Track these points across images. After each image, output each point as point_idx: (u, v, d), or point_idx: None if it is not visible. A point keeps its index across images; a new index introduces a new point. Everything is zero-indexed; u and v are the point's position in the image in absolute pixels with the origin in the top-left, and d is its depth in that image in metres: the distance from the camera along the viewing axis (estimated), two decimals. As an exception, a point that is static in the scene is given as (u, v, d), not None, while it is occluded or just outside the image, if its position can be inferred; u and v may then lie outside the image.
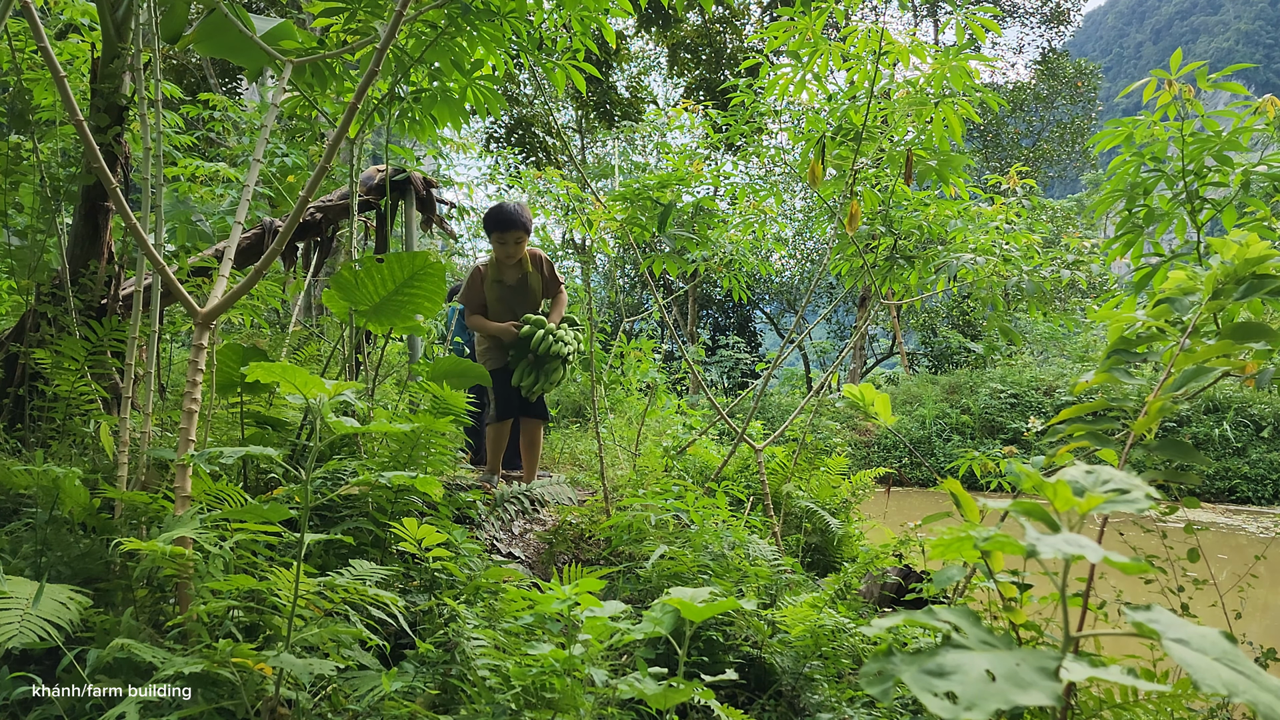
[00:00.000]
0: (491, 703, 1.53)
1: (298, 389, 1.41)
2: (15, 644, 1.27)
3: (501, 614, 1.92)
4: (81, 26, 3.55)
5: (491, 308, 3.79)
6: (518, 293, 3.80)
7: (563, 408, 7.73)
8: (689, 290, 15.90)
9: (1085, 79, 20.97)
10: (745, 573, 2.57)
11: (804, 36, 3.42)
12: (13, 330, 2.73)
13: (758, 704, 2.26)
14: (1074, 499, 0.81)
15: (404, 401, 3.43)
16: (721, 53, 14.80)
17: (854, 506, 4.37)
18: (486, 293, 3.77)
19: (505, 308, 3.79)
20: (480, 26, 2.77)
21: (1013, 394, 13.23)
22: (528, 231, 3.68)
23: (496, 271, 3.76)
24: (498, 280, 3.76)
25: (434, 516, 2.34)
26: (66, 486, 1.74)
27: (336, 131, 1.85)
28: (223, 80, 11.98)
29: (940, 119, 3.46)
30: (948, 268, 3.69)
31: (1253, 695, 0.64)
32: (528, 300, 3.83)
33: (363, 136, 4.03)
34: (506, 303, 3.79)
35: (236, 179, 5.15)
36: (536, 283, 3.82)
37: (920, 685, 0.63)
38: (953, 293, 4.10)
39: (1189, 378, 1.45)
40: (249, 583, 1.47)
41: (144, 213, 2.30)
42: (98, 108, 2.55)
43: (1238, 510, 10.38)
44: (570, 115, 18.00)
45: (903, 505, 9.80)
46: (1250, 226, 2.39)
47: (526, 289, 3.81)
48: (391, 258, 2.25)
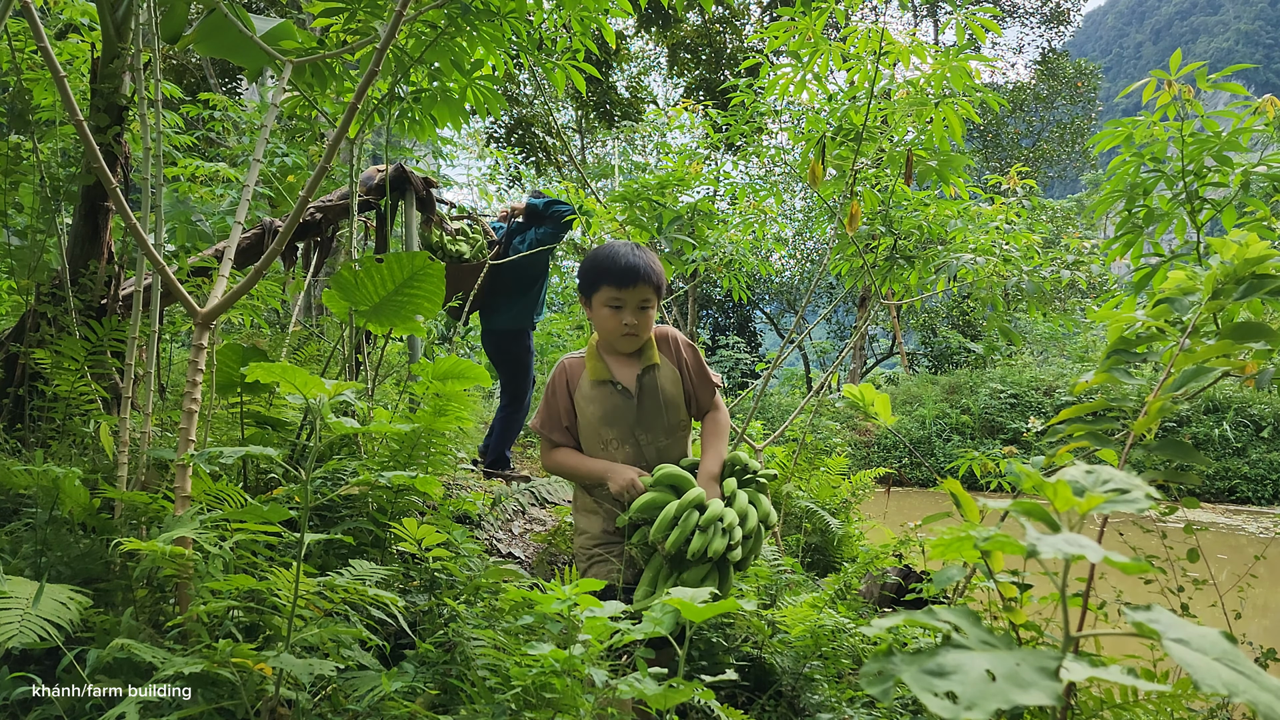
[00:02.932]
0: (491, 703, 1.53)
1: (297, 389, 1.41)
2: (15, 644, 1.27)
3: (501, 614, 1.92)
4: (81, 26, 3.55)
5: (589, 431, 2.13)
6: (640, 404, 2.12)
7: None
8: (689, 290, 15.90)
9: (1085, 79, 20.98)
10: (745, 573, 2.57)
11: (804, 37, 3.42)
12: (12, 330, 2.72)
13: (758, 704, 2.27)
14: (1074, 499, 0.81)
15: (404, 401, 3.42)
16: (721, 53, 14.80)
17: (854, 506, 4.37)
18: (581, 406, 2.13)
19: (616, 432, 2.12)
20: (480, 26, 2.77)
21: (1013, 394, 13.24)
22: (660, 292, 2.10)
23: (600, 368, 2.12)
24: (602, 382, 2.11)
25: (434, 516, 2.34)
26: (66, 486, 1.74)
27: (336, 131, 1.85)
28: (223, 80, 11.98)
29: (940, 119, 3.46)
30: (948, 268, 3.69)
31: (1253, 695, 0.64)
32: (658, 417, 2.14)
33: (363, 136, 4.02)
34: (617, 422, 2.11)
35: (236, 179, 5.15)
36: (673, 384, 2.16)
37: (920, 685, 0.63)
38: (953, 293, 4.10)
39: (1189, 378, 1.45)
40: (249, 583, 1.47)
41: (144, 213, 2.30)
42: (97, 108, 2.55)
43: (1238, 510, 10.38)
44: (570, 115, 18.00)
45: (903, 505, 9.80)
46: (1250, 226, 2.39)
47: (656, 396, 2.13)
48: (391, 258, 2.25)
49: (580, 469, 2.12)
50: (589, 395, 2.11)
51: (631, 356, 2.14)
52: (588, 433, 2.13)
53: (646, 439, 2.13)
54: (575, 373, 2.15)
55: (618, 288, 2.02)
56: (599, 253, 2.08)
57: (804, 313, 4.59)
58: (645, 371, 2.13)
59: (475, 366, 2.46)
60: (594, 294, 2.07)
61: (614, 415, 2.10)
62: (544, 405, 2.16)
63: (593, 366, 2.12)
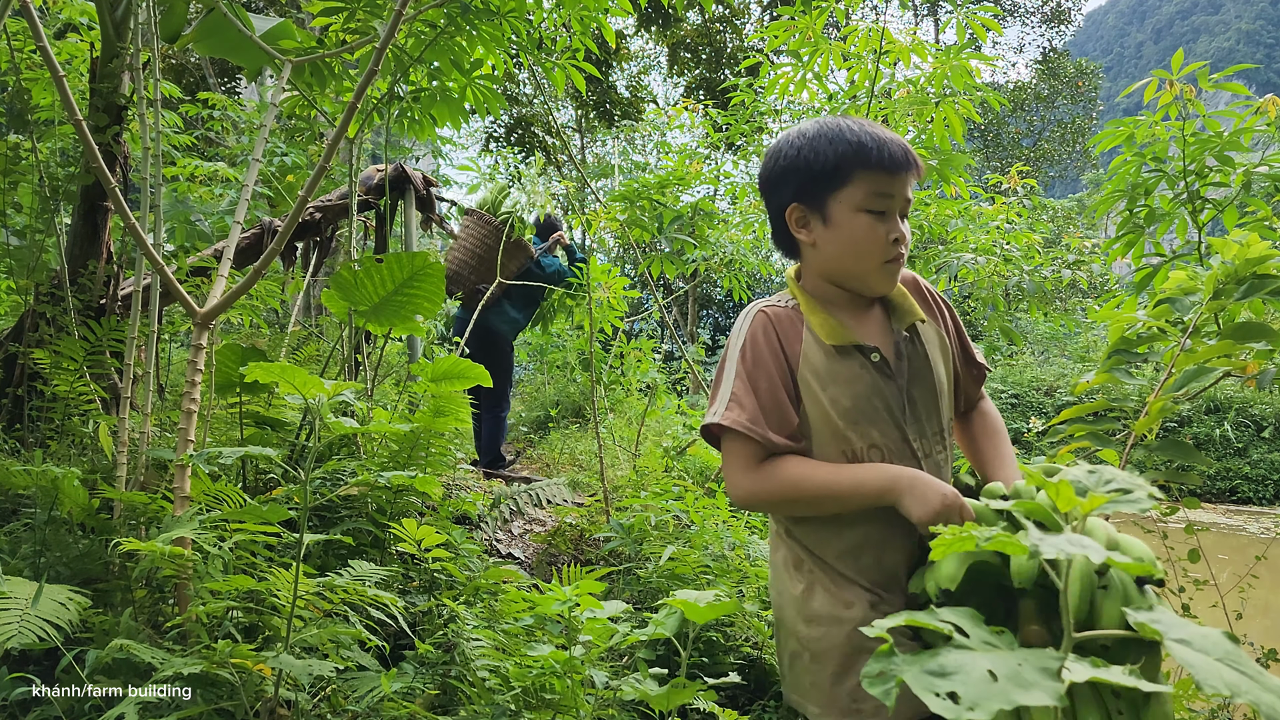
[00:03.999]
0: (491, 704, 1.53)
1: (297, 389, 1.41)
2: (14, 644, 1.26)
3: (501, 615, 1.92)
4: (80, 26, 3.55)
5: (826, 433, 1.21)
6: (910, 388, 1.24)
7: (563, 408, 7.73)
8: (689, 290, 15.91)
9: (1086, 79, 20.98)
10: (745, 573, 2.57)
11: (804, 36, 3.42)
12: (11, 330, 2.72)
13: (758, 705, 2.26)
14: (1076, 499, 0.81)
15: (403, 402, 3.42)
16: (722, 52, 14.80)
17: (854, 506, 4.36)
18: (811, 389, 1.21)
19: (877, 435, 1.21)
20: (480, 26, 2.77)
21: (1014, 394, 13.24)
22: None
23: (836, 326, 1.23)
24: (847, 348, 1.22)
25: (433, 517, 2.34)
26: (65, 487, 1.74)
27: (336, 131, 1.85)
28: (222, 80, 11.98)
29: (941, 118, 3.46)
30: (948, 267, 3.68)
31: (1255, 696, 0.63)
32: (933, 410, 1.26)
33: (362, 136, 4.02)
34: (877, 419, 1.21)
35: (235, 179, 5.15)
36: (944, 357, 1.31)
37: (922, 685, 0.63)
38: (953, 293, 4.10)
39: (1190, 378, 1.45)
40: (248, 583, 1.47)
41: (143, 212, 2.30)
42: (96, 107, 2.55)
43: (1239, 511, 10.37)
44: (570, 115, 17.99)
45: (903, 505, 9.78)
46: (1251, 226, 2.39)
47: (929, 375, 1.26)
48: (391, 258, 2.25)
49: (836, 487, 1.15)
50: (826, 371, 1.20)
51: (872, 308, 1.29)
52: (823, 436, 1.20)
53: (922, 447, 1.22)
54: (790, 332, 1.23)
55: (889, 173, 1.18)
56: (828, 129, 1.22)
57: (804, 312, 4.57)
58: (910, 334, 1.27)
59: (475, 366, 2.46)
60: (839, 191, 1.20)
61: (872, 406, 1.20)
62: (741, 382, 1.20)
63: (823, 322, 1.22)
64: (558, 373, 8.64)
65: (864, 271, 1.23)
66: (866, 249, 1.21)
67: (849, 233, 1.21)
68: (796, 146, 1.24)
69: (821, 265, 1.26)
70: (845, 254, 1.23)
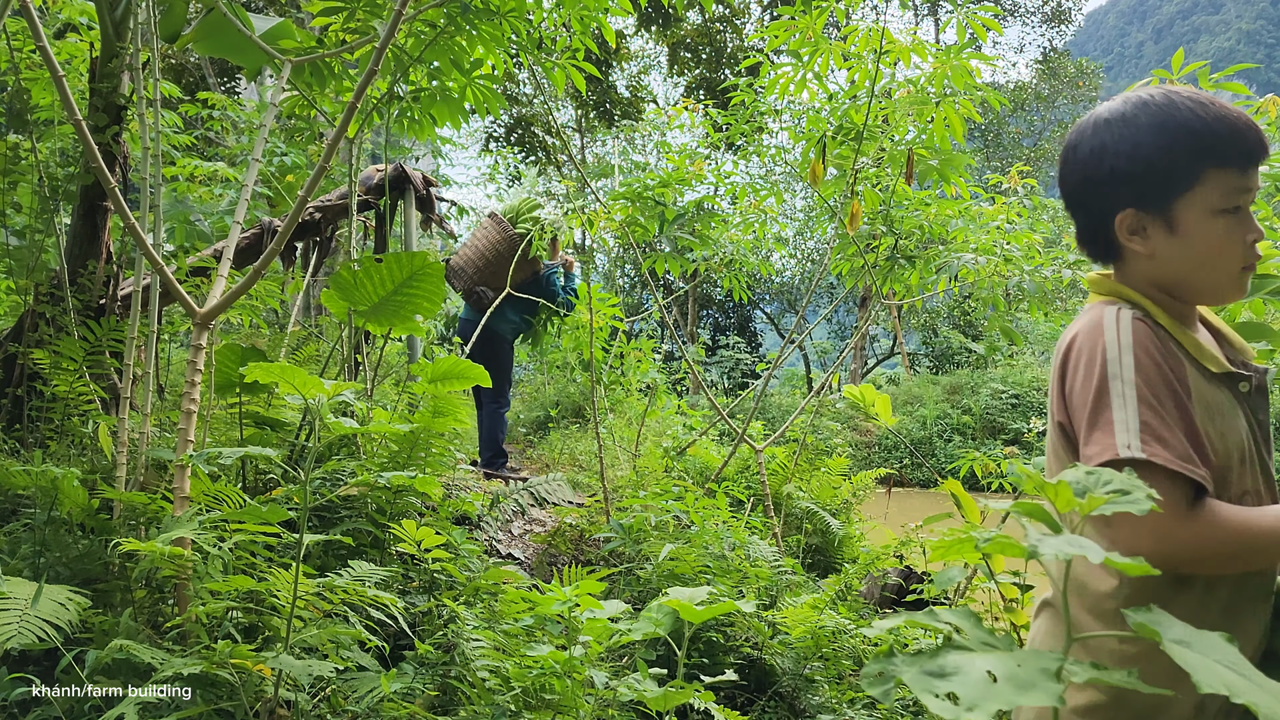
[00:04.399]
0: (491, 704, 1.53)
1: (296, 389, 1.41)
2: (14, 644, 1.26)
3: (501, 615, 1.92)
4: (80, 26, 3.55)
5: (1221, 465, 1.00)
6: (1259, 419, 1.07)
7: (562, 408, 7.72)
8: (689, 290, 15.91)
9: (1086, 78, 20.98)
10: (745, 574, 2.57)
11: (805, 36, 3.42)
12: (11, 330, 2.72)
13: (758, 705, 2.26)
14: (1076, 500, 0.81)
15: (403, 402, 3.42)
16: (722, 52, 14.80)
17: (855, 507, 4.37)
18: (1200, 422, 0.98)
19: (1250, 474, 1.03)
20: (480, 26, 2.77)
21: (1014, 394, 13.23)
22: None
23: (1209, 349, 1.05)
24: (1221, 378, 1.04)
25: (433, 517, 2.34)
26: (65, 487, 1.74)
27: (335, 131, 1.85)
28: (221, 79, 11.98)
29: (941, 118, 3.45)
30: (949, 267, 3.68)
31: (1253, 697, 0.63)
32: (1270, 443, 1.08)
33: (362, 136, 4.02)
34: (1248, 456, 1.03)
35: (235, 179, 5.15)
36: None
37: (921, 686, 0.63)
38: (954, 293, 4.10)
39: (1190, 378, 1.44)
40: (248, 583, 1.47)
41: (142, 212, 2.30)
42: (96, 107, 2.55)
43: (1238, 510, 10.37)
44: (570, 114, 18.00)
45: (904, 506, 9.79)
46: (1251, 226, 2.38)
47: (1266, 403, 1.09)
48: (390, 258, 2.25)
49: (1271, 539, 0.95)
50: (1213, 402, 1.02)
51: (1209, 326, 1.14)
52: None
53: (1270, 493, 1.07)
54: (1166, 349, 1.01)
55: (1249, 164, 1.02)
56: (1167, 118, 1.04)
57: (804, 313, 4.59)
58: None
59: (474, 366, 2.46)
60: (1188, 194, 1.02)
61: (1242, 445, 1.04)
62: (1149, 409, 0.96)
63: (1196, 344, 1.05)
64: (557, 373, 8.63)
65: (1216, 282, 1.05)
66: (1224, 258, 1.03)
67: (1202, 240, 1.03)
68: (1131, 142, 1.05)
69: (1159, 275, 1.07)
70: (1197, 265, 1.04)
